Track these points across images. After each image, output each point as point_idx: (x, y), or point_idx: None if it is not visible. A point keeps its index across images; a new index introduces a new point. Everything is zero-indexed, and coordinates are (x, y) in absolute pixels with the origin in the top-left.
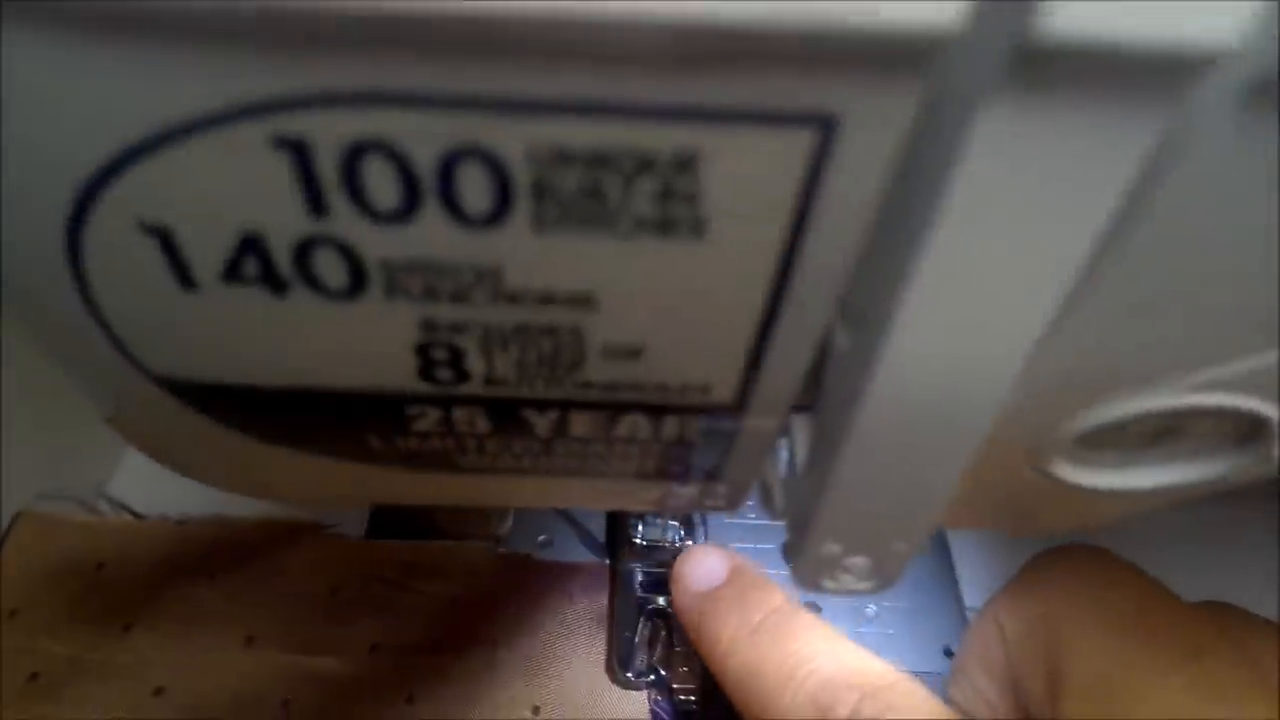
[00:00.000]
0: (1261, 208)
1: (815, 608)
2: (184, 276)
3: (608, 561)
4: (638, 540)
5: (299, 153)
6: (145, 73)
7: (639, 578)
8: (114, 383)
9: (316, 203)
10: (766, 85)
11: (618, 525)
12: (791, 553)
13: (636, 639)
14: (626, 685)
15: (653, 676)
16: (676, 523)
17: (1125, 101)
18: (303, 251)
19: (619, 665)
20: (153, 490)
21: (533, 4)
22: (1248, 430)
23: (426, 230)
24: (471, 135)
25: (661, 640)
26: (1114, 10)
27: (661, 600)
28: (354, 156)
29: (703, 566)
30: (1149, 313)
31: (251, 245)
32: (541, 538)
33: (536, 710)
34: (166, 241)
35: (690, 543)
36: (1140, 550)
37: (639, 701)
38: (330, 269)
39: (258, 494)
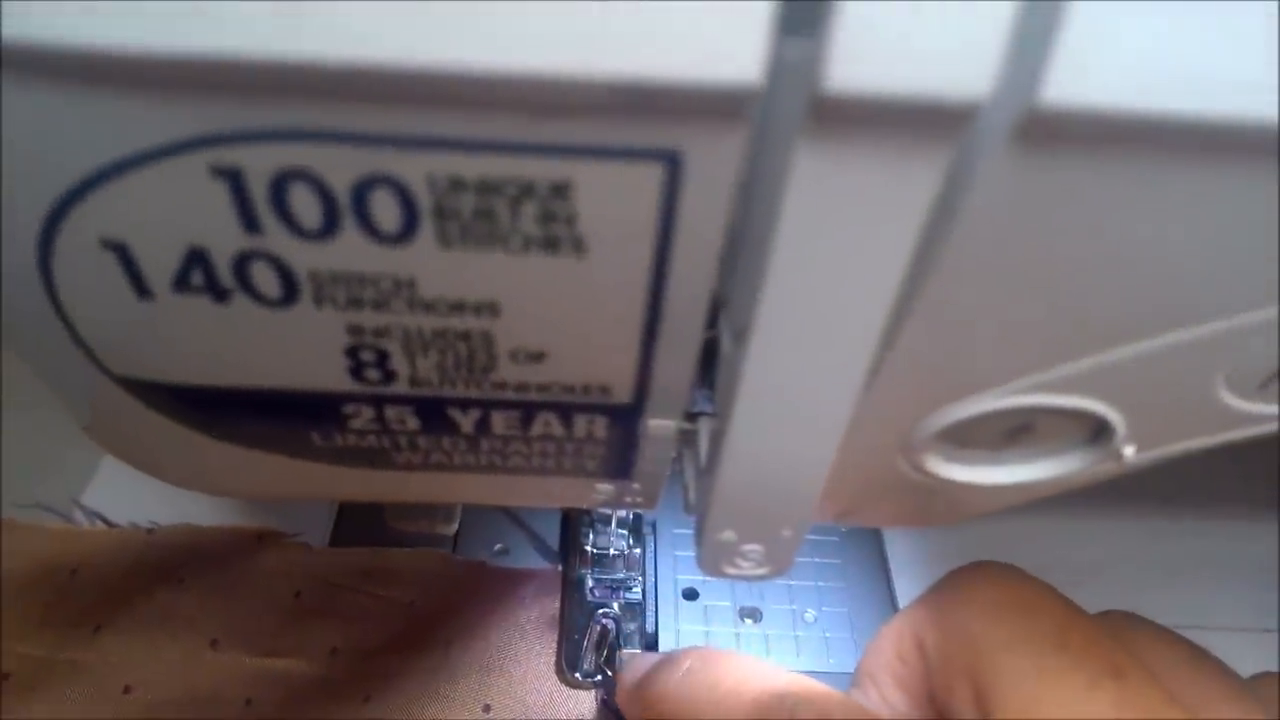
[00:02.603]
0: (1044, 234)
1: (757, 613)
2: (140, 286)
3: (560, 568)
4: (588, 548)
5: (234, 180)
6: (104, 113)
7: (589, 583)
8: (83, 386)
9: (251, 222)
10: (621, 127)
11: (570, 533)
12: (696, 542)
13: (585, 641)
14: (574, 685)
15: (599, 677)
16: (625, 531)
17: (907, 144)
18: (241, 264)
19: (567, 666)
20: (125, 500)
21: (427, 59)
22: (1095, 430)
23: (347, 246)
24: (380, 166)
25: (609, 642)
26: (886, 68)
27: (614, 606)
28: (281, 183)
29: (637, 666)
30: (973, 324)
31: (197, 258)
32: (497, 546)
33: (488, 709)
34: (124, 256)
35: (638, 551)
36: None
37: (586, 700)
38: (266, 280)
39: (216, 491)
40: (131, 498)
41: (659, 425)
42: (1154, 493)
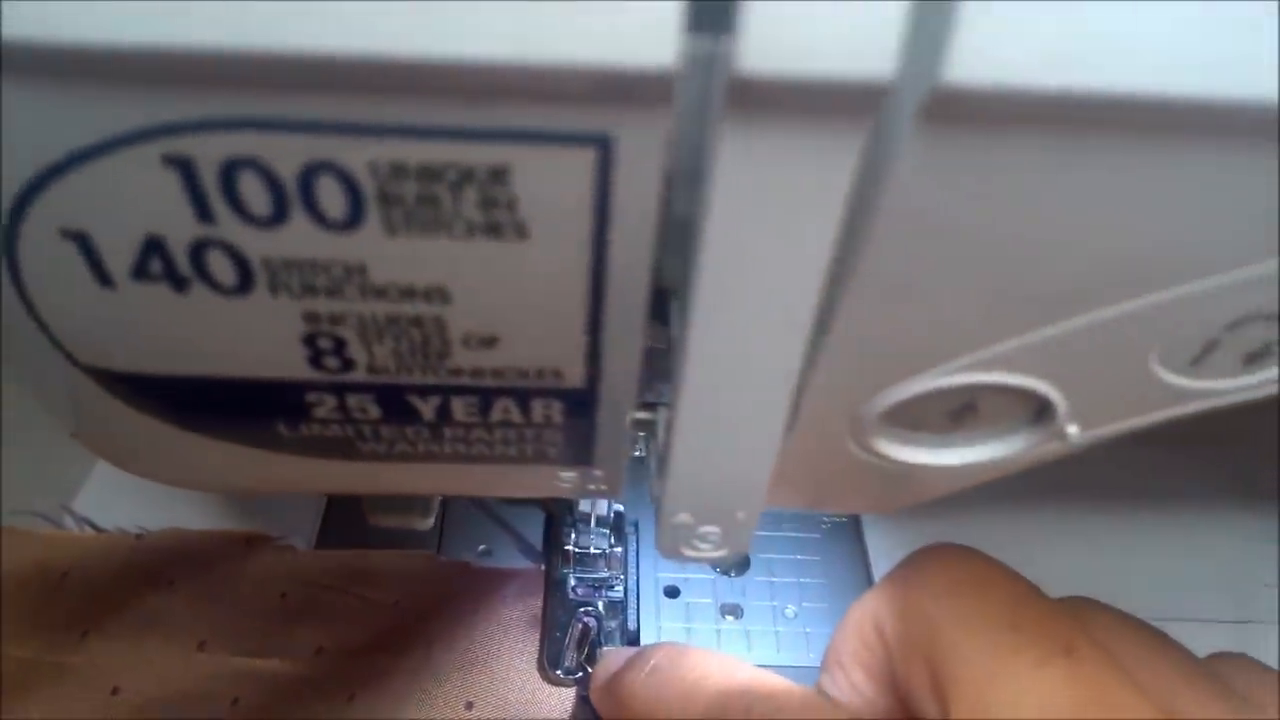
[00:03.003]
0: (963, 213)
1: (738, 609)
2: (101, 275)
3: (542, 567)
4: (570, 548)
5: (185, 169)
6: (59, 105)
7: (572, 582)
8: (61, 385)
9: (203, 210)
10: (554, 112)
11: (552, 533)
12: (655, 526)
13: (566, 639)
14: (556, 682)
15: (580, 674)
16: (606, 530)
17: (821, 126)
18: (197, 252)
19: (549, 663)
20: (115, 507)
21: (363, 47)
22: (1038, 409)
23: (297, 233)
24: (323, 153)
25: (590, 640)
26: (794, 51)
27: (597, 604)
28: (230, 171)
29: (610, 662)
30: (906, 304)
31: (154, 247)
32: (481, 547)
33: (470, 705)
34: (85, 245)
35: (619, 550)
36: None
37: (568, 697)
38: (222, 268)
39: (195, 486)
40: (121, 504)
41: (613, 409)
42: (1128, 488)
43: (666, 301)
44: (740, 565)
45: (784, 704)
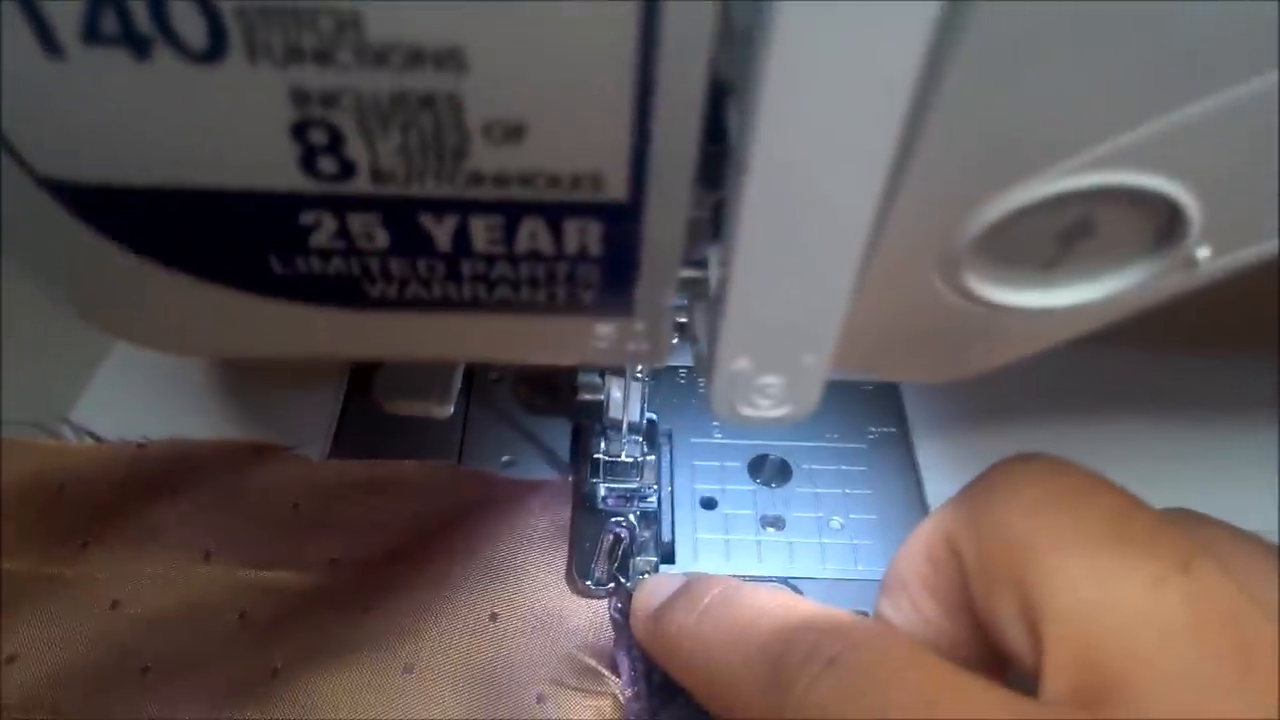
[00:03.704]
0: None
1: (780, 521)
2: (47, 38)
3: (570, 479)
4: (600, 456)
5: None
6: None
7: (601, 493)
8: (47, 243)
9: None
10: None
11: (580, 444)
12: (705, 375)
13: (596, 550)
14: (585, 594)
15: (611, 585)
16: (639, 437)
17: None
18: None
19: (578, 574)
20: (115, 417)
21: None
22: (1164, 227)
23: None
24: None
25: (622, 551)
26: None
27: (630, 517)
28: None
29: (655, 590)
30: (1018, 76)
31: None
32: (505, 458)
33: (494, 617)
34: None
35: (652, 458)
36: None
37: (598, 609)
38: (188, 22)
39: (189, 349)
40: (121, 415)
41: (660, 233)
42: (1200, 401)
43: (720, 107)
44: (781, 475)
45: (852, 638)
